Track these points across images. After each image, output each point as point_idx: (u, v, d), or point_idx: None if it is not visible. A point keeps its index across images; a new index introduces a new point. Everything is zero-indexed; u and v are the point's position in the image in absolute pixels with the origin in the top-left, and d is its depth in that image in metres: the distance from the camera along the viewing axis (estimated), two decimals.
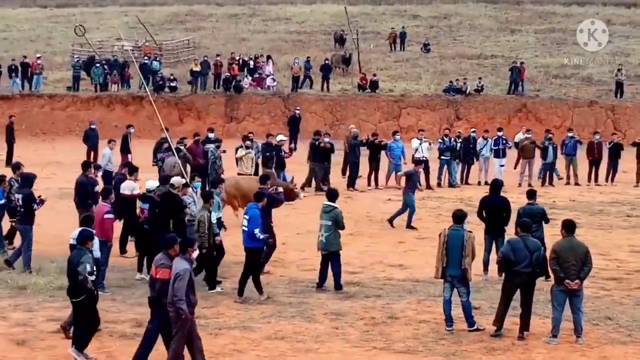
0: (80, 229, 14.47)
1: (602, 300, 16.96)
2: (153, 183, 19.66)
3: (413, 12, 70.22)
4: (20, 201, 19.09)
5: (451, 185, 32.65)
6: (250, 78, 51.43)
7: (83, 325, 13.41)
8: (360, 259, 20.83)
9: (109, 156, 27.94)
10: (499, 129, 34.90)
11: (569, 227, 14.95)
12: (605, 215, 26.27)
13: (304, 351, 13.95)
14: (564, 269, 14.51)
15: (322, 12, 69.96)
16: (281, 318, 15.33)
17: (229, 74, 50.35)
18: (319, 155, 30.53)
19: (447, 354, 13.95)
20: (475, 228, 17.67)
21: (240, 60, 52.43)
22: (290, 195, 23.81)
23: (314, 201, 24.56)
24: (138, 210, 19.94)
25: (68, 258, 13.75)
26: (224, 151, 29.77)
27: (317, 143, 30.72)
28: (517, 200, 28.21)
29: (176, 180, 19.52)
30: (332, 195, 18.14)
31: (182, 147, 27.61)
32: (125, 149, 31.88)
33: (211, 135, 30.40)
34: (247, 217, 17.35)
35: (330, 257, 17.78)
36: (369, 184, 31.75)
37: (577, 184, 33.64)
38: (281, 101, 50.13)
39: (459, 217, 15.37)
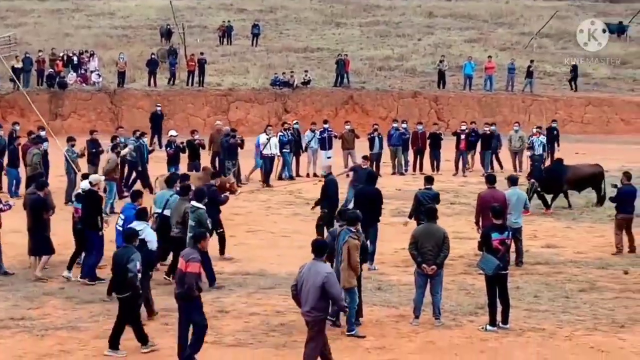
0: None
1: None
2: (87, 183, 19.24)
3: (239, 5, 70.27)
4: None
5: (281, 178, 32.77)
6: (74, 74, 50.36)
7: (126, 321, 13.72)
8: None
9: None
10: (325, 122, 35.30)
11: (428, 214, 15.83)
12: None
13: (134, 349, 13.82)
14: (422, 254, 15.17)
15: (147, 7, 69.14)
16: (110, 317, 14.93)
17: (52, 71, 49.17)
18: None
19: (277, 345, 14.09)
20: None
21: (65, 57, 51.27)
22: (230, 189, 23.53)
23: None
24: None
25: (113, 255, 14.19)
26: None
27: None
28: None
29: (94, 177, 19.66)
30: (199, 195, 17.89)
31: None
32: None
33: (42, 133, 29.65)
34: (122, 216, 17.42)
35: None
36: None
37: (401, 173, 34.41)
38: (107, 97, 49.24)
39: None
